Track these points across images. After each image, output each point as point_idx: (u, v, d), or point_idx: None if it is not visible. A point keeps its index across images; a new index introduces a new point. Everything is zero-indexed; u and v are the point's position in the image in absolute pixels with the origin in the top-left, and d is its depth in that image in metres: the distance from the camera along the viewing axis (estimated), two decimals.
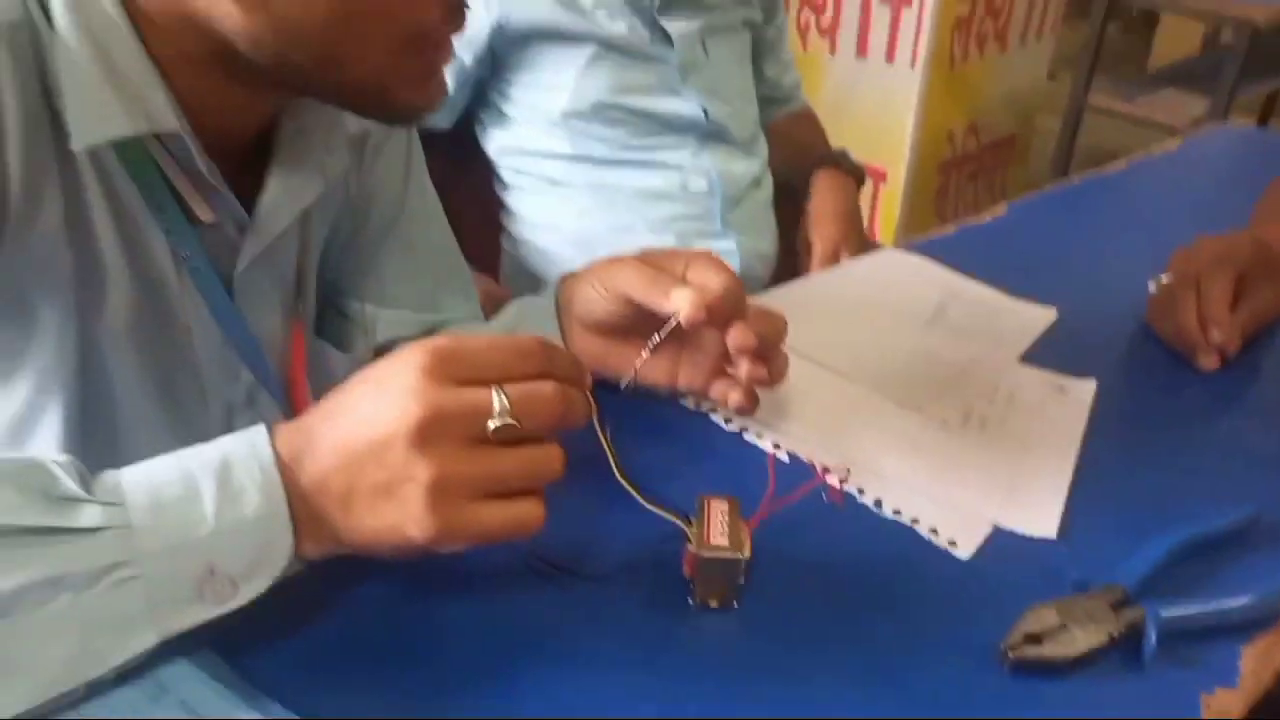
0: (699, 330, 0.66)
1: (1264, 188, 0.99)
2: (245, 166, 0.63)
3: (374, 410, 0.47)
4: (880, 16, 2.30)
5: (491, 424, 0.47)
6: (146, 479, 0.46)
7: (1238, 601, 0.58)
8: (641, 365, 0.68)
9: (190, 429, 0.65)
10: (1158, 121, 2.47)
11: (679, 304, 0.61)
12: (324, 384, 0.74)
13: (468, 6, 0.57)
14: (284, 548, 0.47)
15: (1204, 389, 0.81)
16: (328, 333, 0.78)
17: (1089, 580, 0.59)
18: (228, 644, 0.49)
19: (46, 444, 0.60)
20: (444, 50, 0.58)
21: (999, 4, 2.39)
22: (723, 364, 0.69)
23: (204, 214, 0.60)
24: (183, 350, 0.63)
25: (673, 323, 0.62)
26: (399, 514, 0.47)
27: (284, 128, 0.63)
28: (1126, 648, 0.55)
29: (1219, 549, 0.63)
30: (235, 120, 0.60)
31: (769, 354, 0.66)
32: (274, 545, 0.47)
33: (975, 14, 2.33)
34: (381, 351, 0.79)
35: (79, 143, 0.51)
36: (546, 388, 0.49)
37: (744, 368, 0.65)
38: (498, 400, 0.47)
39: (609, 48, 1.13)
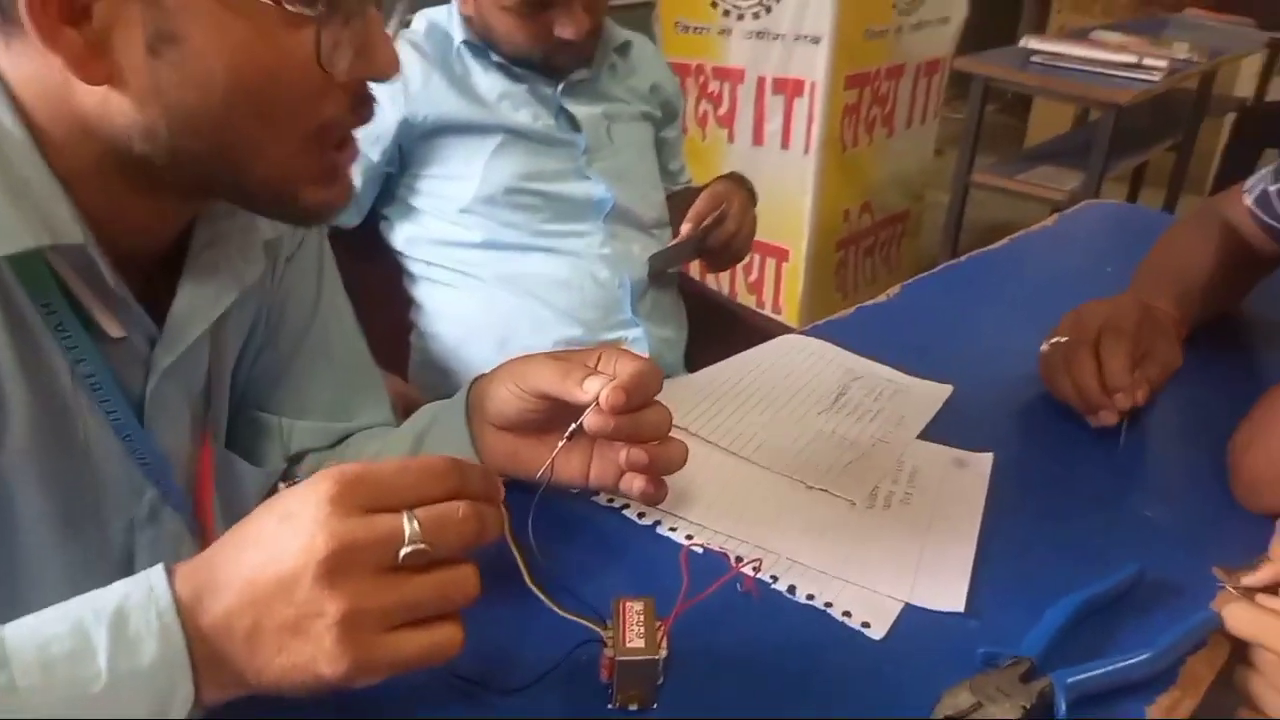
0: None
1: (1135, 257, 1.05)
2: (156, 277, 0.62)
3: (279, 545, 0.45)
4: (774, 106, 2.40)
5: (402, 551, 0.45)
6: (33, 634, 0.44)
7: (1138, 658, 0.60)
8: (556, 462, 0.68)
9: (90, 546, 0.62)
10: (1037, 195, 2.61)
11: (593, 391, 0.62)
12: (233, 497, 0.72)
13: (375, 101, 0.57)
14: (184, 696, 0.45)
15: (1093, 454, 0.84)
16: (240, 441, 0.76)
17: (997, 654, 0.60)
18: None
19: None
20: (349, 147, 0.58)
21: (884, 92, 2.52)
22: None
23: (113, 330, 0.58)
24: (82, 468, 0.61)
25: (589, 412, 0.63)
26: (309, 651, 0.45)
27: (198, 236, 0.63)
28: (1037, 717, 0.57)
29: (1111, 610, 0.66)
30: (144, 232, 0.59)
31: (653, 432, 0.66)
32: (173, 694, 0.45)
33: (863, 101, 2.46)
34: (294, 461, 0.77)
35: None
36: (458, 508, 0.47)
37: (624, 455, 0.66)
38: (408, 526, 0.46)
39: (516, 136, 1.16)
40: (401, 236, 1.23)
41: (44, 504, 0.59)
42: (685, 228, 1.20)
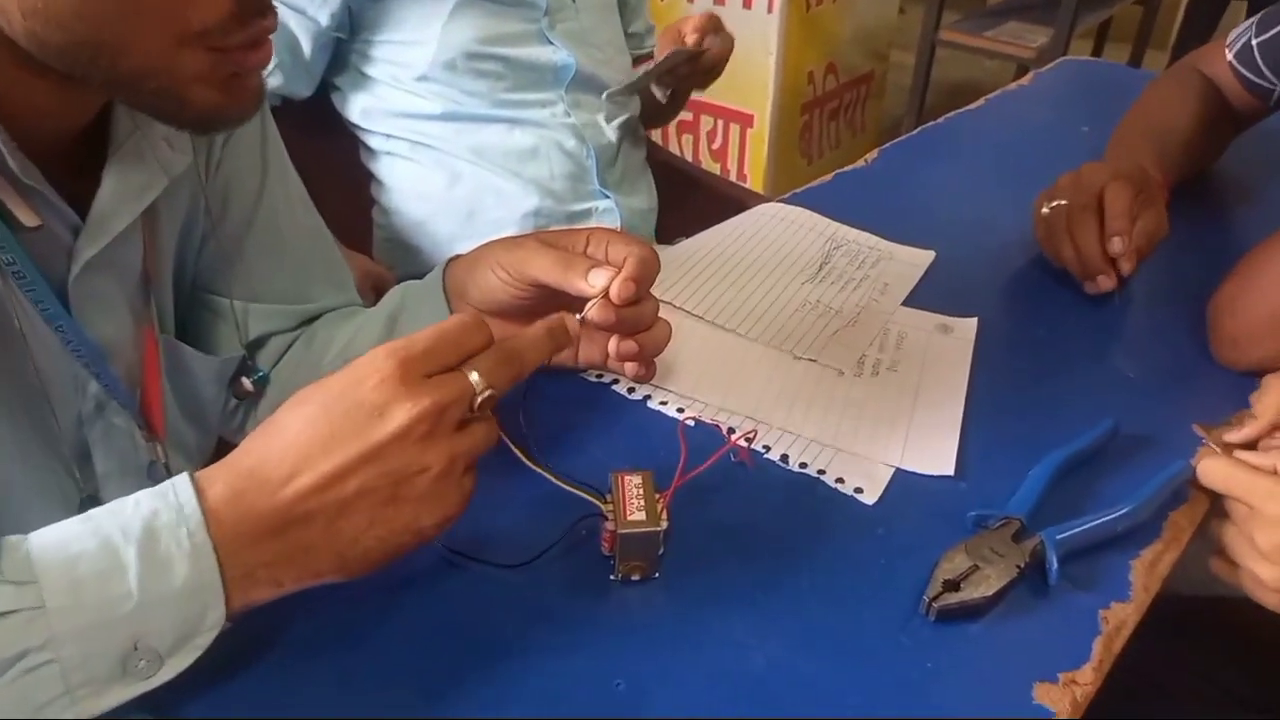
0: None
1: (1111, 115, 1.04)
2: (81, 166, 0.58)
3: (365, 426, 0.47)
4: None
5: (478, 400, 0.49)
6: (60, 550, 0.43)
7: (1120, 512, 0.62)
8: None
9: (40, 444, 0.60)
10: (1005, 53, 2.56)
11: (600, 285, 0.61)
12: (183, 386, 0.71)
13: (272, 8, 0.52)
14: (214, 616, 0.45)
15: (1075, 316, 0.85)
16: (198, 330, 0.74)
17: (988, 515, 0.62)
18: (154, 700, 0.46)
19: None
20: (248, 52, 0.52)
21: None
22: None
23: (26, 217, 0.55)
24: (22, 362, 0.58)
25: (595, 304, 0.61)
26: (410, 511, 0.48)
27: (120, 123, 0.59)
28: (1031, 575, 0.58)
29: (1090, 466, 0.68)
30: (55, 117, 0.55)
31: (644, 323, 0.65)
32: (203, 615, 0.45)
33: None
34: (256, 346, 0.75)
35: None
36: (503, 351, 0.51)
37: (612, 344, 0.66)
38: (475, 378, 0.49)
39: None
40: (357, 108, 1.17)
41: None
42: (691, 38, 1.16)
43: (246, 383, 0.73)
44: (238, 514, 0.45)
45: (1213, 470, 0.61)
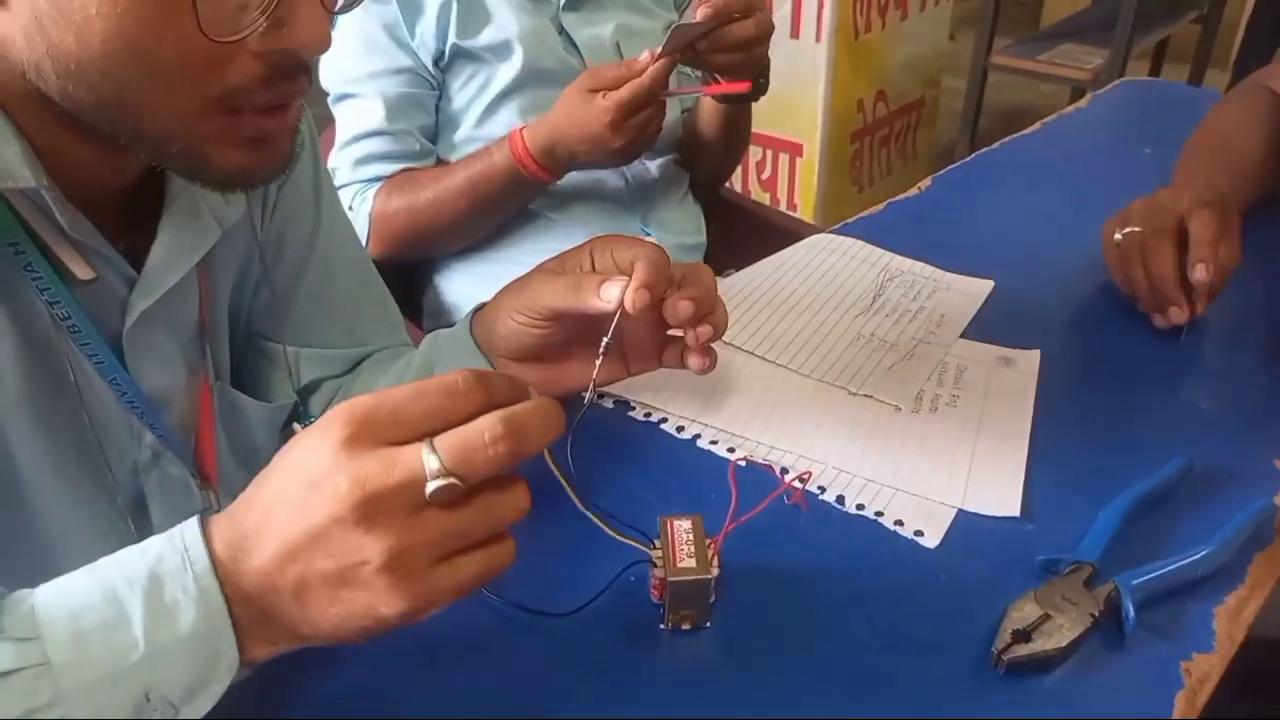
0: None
1: (1173, 137, 1.00)
2: (137, 218, 0.59)
3: (303, 499, 0.41)
4: None
5: (428, 489, 0.41)
6: (64, 603, 0.42)
7: (1198, 555, 0.59)
8: (597, 373, 0.65)
9: (97, 495, 0.61)
10: (1060, 75, 2.51)
11: (615, 298, 0.59)
12: (239, 435, 0.71)
13: (306, 73, 0.51)
14: (228, 661, 0.43)
15: (1143, 346, 0.82)
16: (251, 377, 0.74)
17: (1056, 560, 0.58)
18: None
19: None
20: (271, 116, 0.52)
21: None
22: (665, 334, 0.67)
23: (81, 271, 0.55)
24: (77, 413, 0.59)
25: (616, 317, 0.60)
26: (364, 598, 0.42)
27: (174, 177, 0.59)
28: (1105, 624, 0.55)
29: (1163, 505, 0.64)
30: (103, 172, 0.55)
31: (710, 306, 0.63)
32: (216, 661, 0.43)
33: None
34: (308, 391, 0.75)
35: None
36: (483, 431, 0.41)
37: (690, 335, 0.63)
38: (429, 461, 0.40)
39: (519, 80, 1.09)
40: None
41: (43, 451, 0.57)
42: (703, 10, 0.99)
43: (299, 428, 0.73)
44: (234, 566, 0.43)
45: None
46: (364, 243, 1.00)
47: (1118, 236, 0.83)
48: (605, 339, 0.61)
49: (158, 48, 0.46)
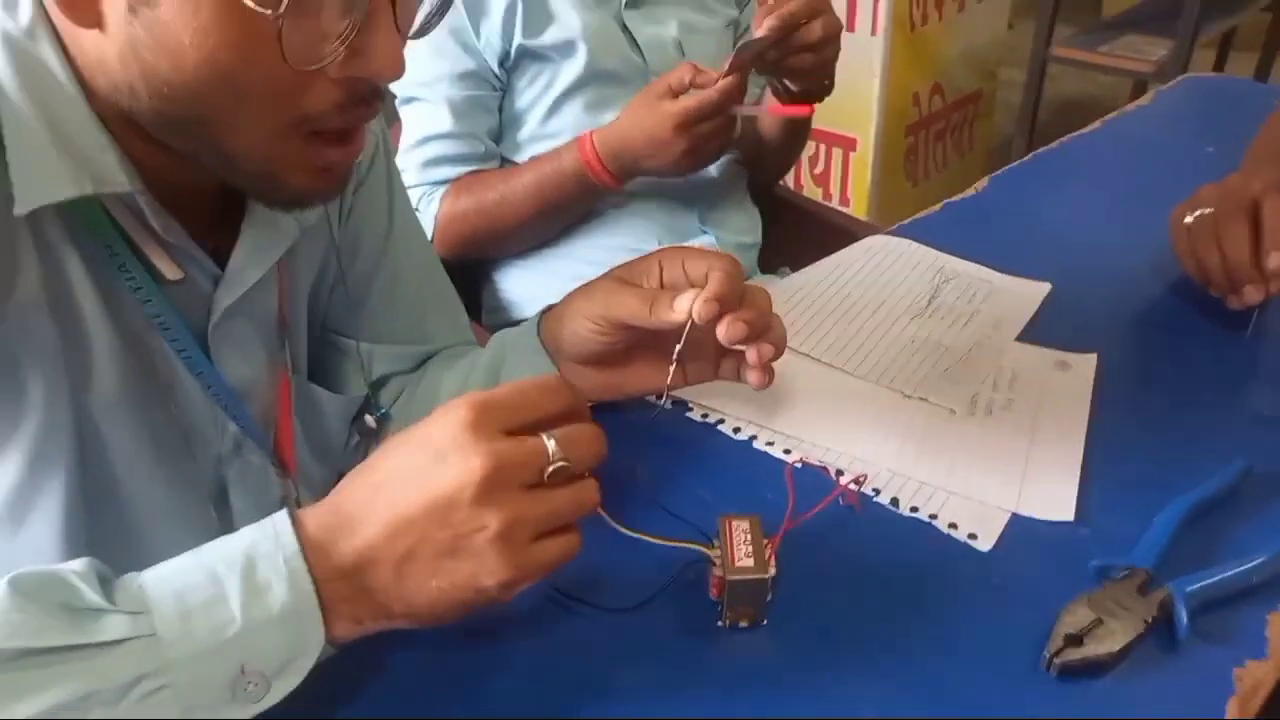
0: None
1: (1237, 135, 0.99)
2: (222, 218, 0.62)
3: (428, 473, 0.47)
4: None
5: (550, 468, 0.48)
6: (171, 582, 0.46)
7: (1255, 562, 0.59)
8: (650, 376, 0.67)
9: (183, 484, 0.64)
10: (1123, 68, 2.46)
11: (685, 309, 0.61)
12: (314, 426, 0.74)
13: (379, 98, 0.54)
14: (315, 639, 0.47)
15: (1201, 349, 0.81)
16: (325, 369, 0.77)
17: (1110, 565, 0.59)
18: None
19: (47, 520, 0.59)
20: (346, 143, 0.55)
21: None
22: (724, 347, 0.68)
23: (170, 272, 0.59)
24: (167, 407, 0.62)
25: (687, 327, 0.61)
26: (468, 569, 0.47)
27: None
28: (1159, 629, 0.56)
29: (1221, 510, 0.64)
30: (192, 176, 0.58)
31: (765, 328, 0.64)
32: (304, 638, 0.46)
33: None
34: (377, 387, 0.78)
35: (21, 207, 0.50)
36: (586, 427, 0.51)
37: (751, 353, 0.64)
38: (551, 445, 0.48)
39: (587, 79, 1.11)
40: None
41: (136, 444, 0.61)
42: (769, 21, 0.98)
43: (370, 420, 0.76)
44: (324, 550, 0.47)
45: None
46: (430, 242, 1.02)
47: (1188, 220, 0.82)
48: (678, 347, 0.63)
49: (245, 75, 0.48)
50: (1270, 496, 0.66)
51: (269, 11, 0.46)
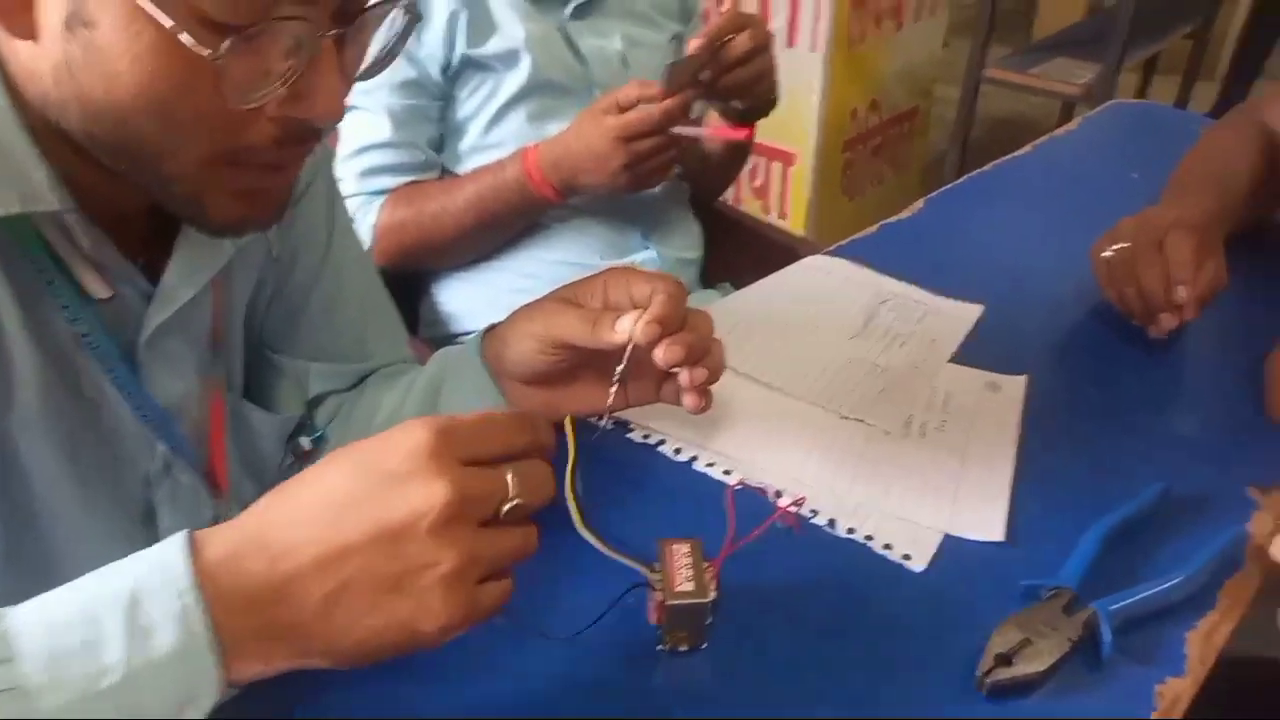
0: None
1: (1161, 161, 1.03)
2: (155, 234, 0.60)
3: (378, 498, 0.43)
4: (779, 2, 2.31)
5: (506, 506, 0.46)
6: (43, 623, 0.41)
7: (1174, 581, 0.61)
8: (591, 397, 0.67)
9: (109, 505, 0.62)
10: (1051, 90, 2.54)
11: (626, 331, 0.61)
12: (248, 446, 0.72)
13: (317, 137, 0.53)
14: (209, 684, 0.42)
15: (1127, 373, 0.84)
16: (260, 387, 0.76)
17: (1038, 585, 0.61)
18: None
19: None
20: (280, 172, 0.54)
21: None
22: (667, 371, 0.68)
23: (99, 290, 0.57)
24: (92, 425, 0.60)
25: (628, 352, 0.62)
26: (408, 608, 0.43)
27: None
28: (1084, 648, 0.58)
29: (1142, 530, 0.67)
30: (125, 193, 0.56)
31: (703, 352, 0.64)
32: (196, 683, 0.41)
33: None
34: (313, 405, 0.77)
35: None
36: (540, 465, 0.48)
37: (684, 375, 0.64)
38: (511, 482, 0.46)
39: (530, 89, 1.11)
40: None
41: (58, 464, 0.59)
42: (694, 42, 1.00)
43: (305, 442, 0.75)
44: (232, 577, 0.42)
45: None
46: (369, 255, 1.01)
47: (1107, 254, 0.86)
48: (620, 368, 0.63)
49: (179, 107, 0.48)
50: (1188, 517, 0.68)
51: (209, 51, 0.45)
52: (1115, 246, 0.85)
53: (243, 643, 0.42)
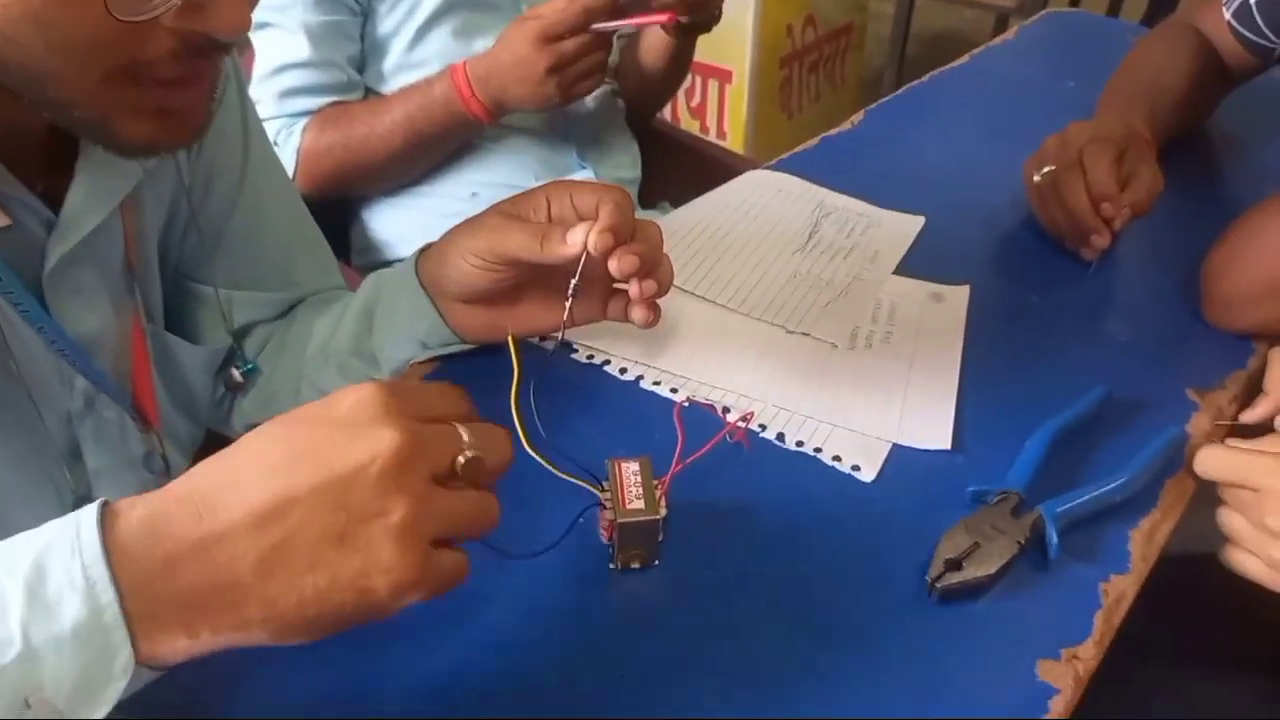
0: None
1: (1097, 70, 1.02)
2: (56, 160, 0.57)
3: (326, 446, 0.40)
4: None
5: (461, 457, 0.43)
6: None
7: (1117, 482, 0.62)
8: (536, 316, 0.66)
9: (29, 445, 0.59)
10: (985, 2, 2.52)
11: (579, 242, 0.59)
12: (174, 377, 0.70)
13: (223, 50, 0.50)
14: (120, 663, 0.38)
15: (1068, 280, 0.84)
16: (184, 320, 0.73)
17: (986, 490, 0.61)
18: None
19: None
20: (188, 88, 0.51)
21: None
22: (611, 286, 0.67)
23: None
24: (5, 364, 0.57)
25: (580, 265, 0.59)
26: (358, 562, 0.40)
27: None
28: (1031, 550, 0.58)
29: (1085, 434, 0.68)
30: (19, 115, 0.52)
31: (655, 263, 0.63)
32: (106, 661, 0.38)
33: None
34: (240, 336, 0.74)
35: None
36: (497, 427, 0.46)
37: (634, 288, 0.62)
38: (466, 433, 0.43)
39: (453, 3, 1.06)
40: None
41: None
42: None
43: (236, 374, 0.72)
44: (150, 541, 0.39)
45: (1211, 459, 0.59)
46: (291, 180, 0.97)
47: (1036, 178, 0.85)
48: (573, 282, 0.60)
49: (63, 22, 0.44)
50: (1128, 419, 0.69)
51: None
52: (1043, 170, 0.85)
53: (161, 613, 0.39)
